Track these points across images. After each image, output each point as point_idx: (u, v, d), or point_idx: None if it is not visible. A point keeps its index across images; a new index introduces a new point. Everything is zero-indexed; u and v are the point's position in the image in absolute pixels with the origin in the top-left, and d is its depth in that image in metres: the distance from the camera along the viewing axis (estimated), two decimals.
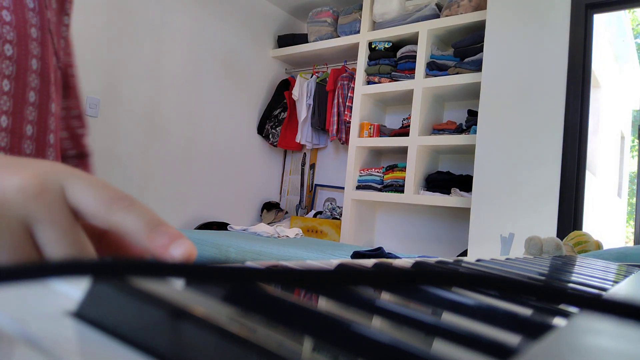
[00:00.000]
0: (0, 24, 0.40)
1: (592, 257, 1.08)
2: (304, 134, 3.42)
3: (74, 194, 0.22)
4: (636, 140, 5.70)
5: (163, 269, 0.15)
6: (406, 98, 3.00)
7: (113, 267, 0.14)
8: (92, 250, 0.22)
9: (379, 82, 3.00)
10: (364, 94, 3.06)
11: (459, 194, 2.58)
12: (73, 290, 0.18)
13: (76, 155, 0.59)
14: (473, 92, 2.66)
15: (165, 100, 2.88)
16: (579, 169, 2.18)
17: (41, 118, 0.47)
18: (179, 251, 0.22)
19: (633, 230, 4.38)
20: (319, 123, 3.33)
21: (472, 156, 2.54)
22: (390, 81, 2.96)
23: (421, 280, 0.16)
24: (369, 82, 3.07)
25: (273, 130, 3.55)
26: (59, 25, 0.52)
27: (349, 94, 3.14)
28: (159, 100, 2.84)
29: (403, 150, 2.90)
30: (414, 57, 2.88)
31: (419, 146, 2.75)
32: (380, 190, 2.91)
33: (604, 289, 0.34)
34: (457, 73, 2.65)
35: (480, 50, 2.56)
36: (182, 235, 0.22)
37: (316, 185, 3.66)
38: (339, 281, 0.16)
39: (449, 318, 0.20)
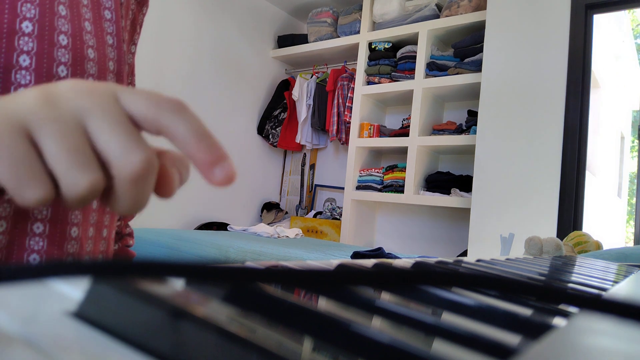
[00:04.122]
0: (84, 32, 0.47)
1: (592, 258, 1.08)
2: (304, 134, 3.42)
3: (125, 98, 0.22)
4: (636, 141, 5.70)
5: (163, 269, 0.15)
6: (406, 98, 3.00)
7: (113, 267, 0.14)
8: (148, 144, 0.22)
9: (379, 83, 3.00)
10: (364, 94, 3.06)
11: (459, 194, 2.58)
12: (73, 291, 0.18)
13: None
14: (473, 93, 2.66)
15: None
16: (579, 169, 2.18)
17: None
18: (221, 174, 0.22)
19: (633, 230, 4.38)
20: (319, 123, 3.33)
21: (472, 156, 2.54)
22: (390, 81, 2.96)
23: (421, 280, 0.16)
24: (369, 83, 3.07)
25: (273, 131, 3.55)
26: (127, 52, 0.58)
27: (349, 94, 3.14)
28: None
29: (403, 151, 2.90)
30: (414, 57, 2.88)
31: (419, 146, 2.75)
32: (380, 190, 2.91)
33: (604, 289, 0.34)
34: (457, 73, 2.65)
35: (480, 50, 2.56)
36: (226, 155, 0.23)
37: (316, 185, 3.65)
38: (339, 281, 0.16)
39: (449, 318, 0.20)
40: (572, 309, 0.23)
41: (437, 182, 2.74)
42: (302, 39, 3.50)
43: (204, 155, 0.22)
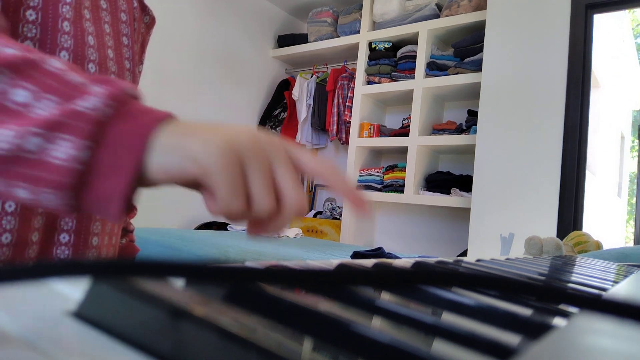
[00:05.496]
0: (107, 59, 0.54)
1: (592, 257, 1.08)
2: (304, 134, 3.42)
3: (295, 153, 0.33)
4: (636, 140, 5.70)
5: (163, 269, 0.15)
6: (406, 98, 3.00)
7: (113, 267, 0.14)
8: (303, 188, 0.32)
9: (379, 82, 3.00)
10: (364, 94, 3.06)
11: (459, 194, 2.58)
12: (73, 291, 0.18)
13: None
14: (473, 92, 2.66)
15: (165, 100, 2.88)
16: (579, 169, 2.18)
17: None
18: (364, 213, 0.32)
19: (633, 230, 4.38)
20: (319, 123, 3.33)
21: (472, 156, 2.54)
22: (390, 81, 2.96)
23: (421, 280, 0.16)
24: (369, 82, 3.07)
25: (273, 130, 3.55)
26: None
27: (349, 94, 3.14)
28: (158, 100, 2.84)
29: (403, 150, 2.89)
30: (414, 57, 2.87)
31: (419, 146, 2.75)
32: (380, 190, 2.91)
33: (604, 289, 0.34)
34: (457, 73, 2.65)
35: (480, 50, 2.56)
36: (365, 201, 0.33)
37: (316, 185, 3.66)
38: (339, 281, 0.16)
39: (449, 318, 0.20)
40: (572, 309, 0.23)
41: (437, 181, 2.74)
42: (302, 39, 3.50)
43: (357, 202, 0.32)
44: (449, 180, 2.71)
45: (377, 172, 2.97)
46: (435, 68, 2.77)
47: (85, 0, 0.51)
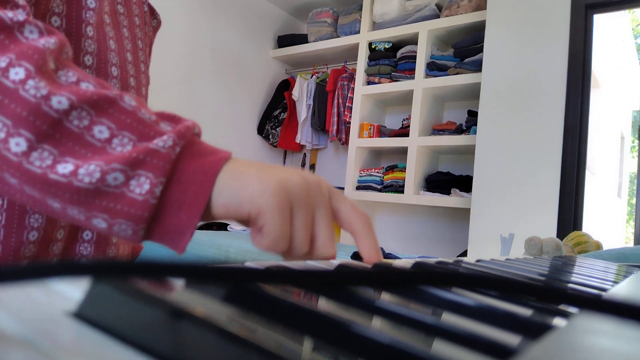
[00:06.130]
0: (127, 63, 0.56)
1: (592, 258, 1.08)
2: (304, 135, 3.42)
3: (336, 200, 0.37)
4: (636, 141, 5.70)
5: (163, 269, 0.15)
6: (406, 98, 3.00)
7: (113, 267, 0.14)
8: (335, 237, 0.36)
9: (379, 83, 3.00)
10: (364, 95, 3.06)
11: (459, 194, 2.58)
12: (73, 291, 0.18)
13: None
14: (473, 93, 2.66)
15: (165, 100, 2.88)
16: (579, 169, 2.18)
17: None
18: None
19: (633, 230, 4.37)
20: (319, 123, 3.33)
21: (472, 156, 2.54)
22: (390, 81, 2.96)
23: (421, 280, 0.16)
24: (369, 83, 3.07)
25: (273, 131, 3.55)
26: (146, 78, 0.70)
27: (349, 95, 3.14)
28: (158, 100, 2.84)
29: (403, 151, 2.89)
30: (414, 57, 2.87)
31: (419, 146, 2.75)
32: (380, 190, 2.91)
33: (604, 290, 0.34)
34: (457, 73, 2.65)
35: (480, 50, 2.56)
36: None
37: None
38: (339, 281, 0.16)
39: (449, 318, 0.20)
40: (572, 309, 0.23)
41: (437, 182, 2.74)
42: (302, 39, 3.50)
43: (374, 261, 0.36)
44: (449, 180, 2.71)
45: (377, 172, 2.97)
46: (435, 68, 2.77)
47: (105, 5, 0.52)
